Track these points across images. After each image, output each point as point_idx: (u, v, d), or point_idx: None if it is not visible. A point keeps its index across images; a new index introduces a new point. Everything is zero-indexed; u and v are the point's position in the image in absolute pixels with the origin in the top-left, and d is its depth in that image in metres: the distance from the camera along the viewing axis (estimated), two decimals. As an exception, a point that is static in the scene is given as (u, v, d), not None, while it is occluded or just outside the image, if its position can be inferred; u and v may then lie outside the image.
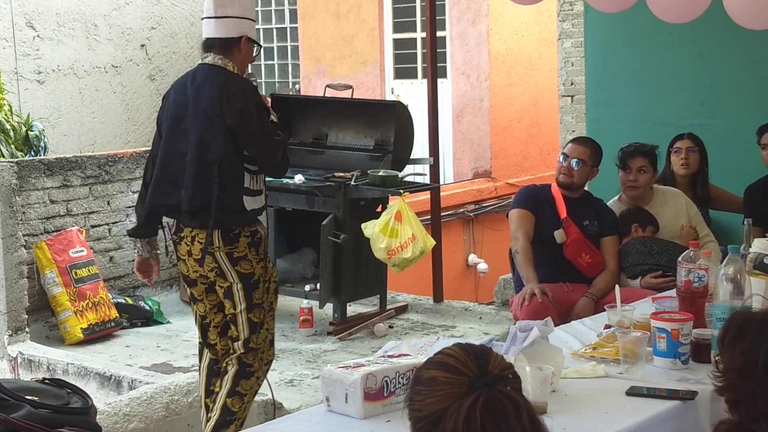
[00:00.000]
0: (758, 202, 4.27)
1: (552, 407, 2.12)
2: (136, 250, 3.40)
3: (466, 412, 1.32)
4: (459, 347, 1.42)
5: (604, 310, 2.89)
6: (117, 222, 5.64)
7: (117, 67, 9.73)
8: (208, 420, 3.23)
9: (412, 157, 5.43)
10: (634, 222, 4.04)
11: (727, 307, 2.44)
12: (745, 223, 3.06)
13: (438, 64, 5.73)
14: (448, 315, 5.41)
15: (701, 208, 4.32)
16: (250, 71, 3.33)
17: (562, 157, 4.02)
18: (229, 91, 3.13)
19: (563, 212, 3.95)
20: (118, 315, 5.22)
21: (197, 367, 4.47)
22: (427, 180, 5.69)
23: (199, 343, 3.39)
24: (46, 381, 2.21)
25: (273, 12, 11.27)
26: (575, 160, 3.95)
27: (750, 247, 2.78)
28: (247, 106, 3.14)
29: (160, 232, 3.41)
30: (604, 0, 4.34)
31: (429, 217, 5.70)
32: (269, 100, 3.32)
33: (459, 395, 1.34)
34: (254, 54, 3.28)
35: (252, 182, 3.19)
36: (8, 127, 7.43)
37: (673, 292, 2.90)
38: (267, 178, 3.38)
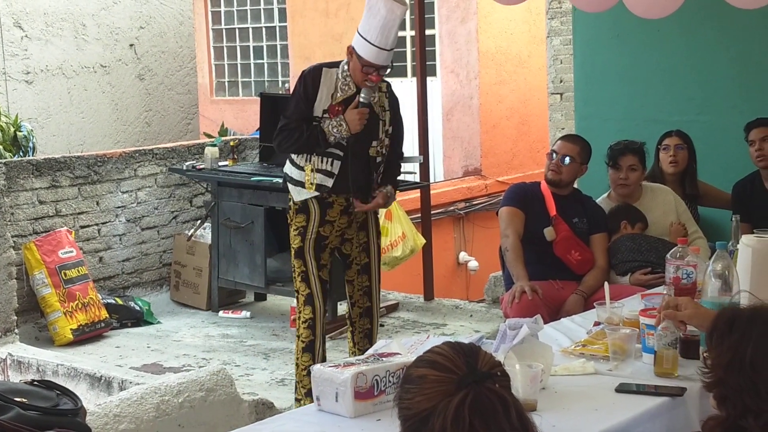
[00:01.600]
0: (746, 198, 4.29)
1: (542, 404, 2.13)
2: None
3: (455, 409, 1.33)
4: (448, 345, 1.42)
5: (594, 308, 2.90)
6: (106, 222, 5.63)
7: (106, 66, 9.71)
8: None
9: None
10: (623, 219, 4.05)
11: (715, 303, 2.45)
12: (733, 219, 3.07)
13: (427, 63, 5.74)
14: (438, 313, 5.41)
15: (690, 205, 4.34)
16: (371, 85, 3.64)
17: (550, 154, 4.03)
18: None
19: (553, 210, 3.96)
20: (108, 315, 5.21)
21: (187, 367, 4.48)
22: (417, 178, 5.69)
23: None
24: (35, 383, 2.20)
25: (262, 11, 11.26)
26: (563, 157, 3.96)
27: (738, 243, 2.79)
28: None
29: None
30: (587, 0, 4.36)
31: (419, 215, 5.71)
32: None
33: (448, 393, 1.35)
34: (361, 69, 3.58)
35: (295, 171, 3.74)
36: (-4, 127, 7.39)
37: (662, 289, 2.91)
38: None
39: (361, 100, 3.61)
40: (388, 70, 3.64)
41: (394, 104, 3.81)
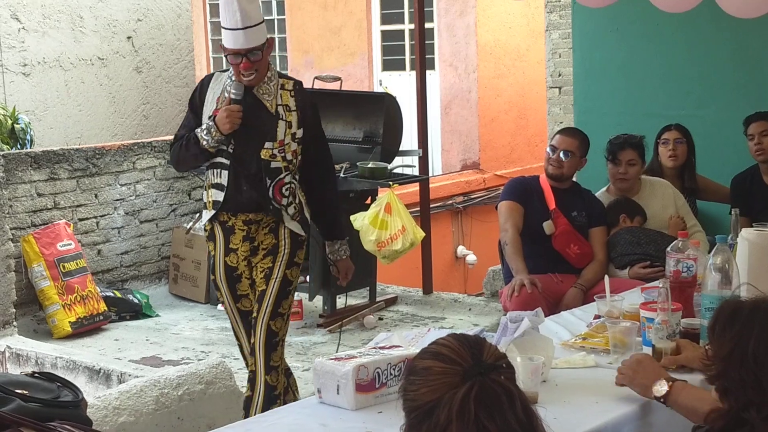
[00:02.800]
0: (745, 192, 4.30)
1: (543, 397, 2.13)
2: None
3: (460, 401, 1.33)
4: (453, 337, 1.43)
5: (593, 301, 2.91)
6: (105, 215, 5.62)
7: (103, 59, 9.68)
8: None
9: (401, 149, 5.43)
10: (622, 212, 4.06)
11: (715, 296, 2.46)
12: (733, 213, 3.08)
13: (426, 56, 5.73)
14: (437, 306, 5.42)
15: (688, 199, 4.35)
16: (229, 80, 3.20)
17: (550, 149, 4.03)
18: None
19: (552, 203, 3.97)
20: (106, 308, 5.21)
21: (186, 360, 4.48)
22: (416, 172, 5.69)
23: None
24: (36, 375, 2.20)
25: (260, 4, 11.24)
26: (564, 151, 3.96)
27: (737, 237, 2.80)
28: None
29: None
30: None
31: (418, 208, 5.71)
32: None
33: (453, 385, 1.35)
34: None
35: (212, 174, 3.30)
36: (-6, 120, 7.37)
37: (659, 282, 2.91)
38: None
39: (232, 97, 3.14)
40: (260, 54, 3.11)
41: (307, 106, 3.27)
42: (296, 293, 5.16)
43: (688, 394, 2.05)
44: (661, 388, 2.07)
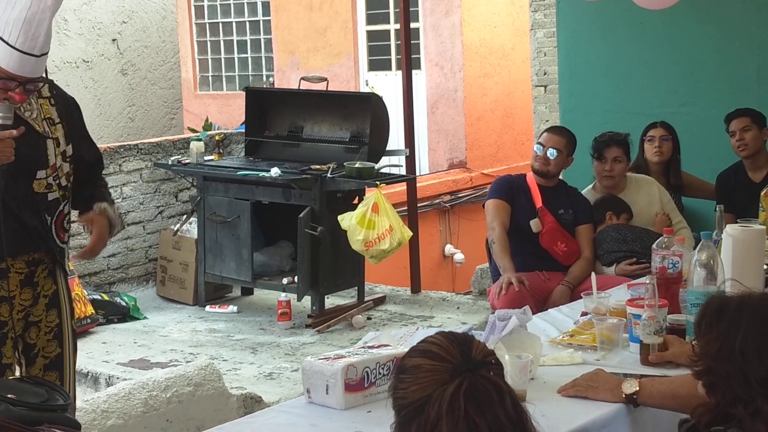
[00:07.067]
0: (729, 188, 4.33)
1: (531, 395, 2.14)
2: None
3: (450, 397, 1.34)
4: (442, 335, 1.44)
5: (581, 298, 2.92)
6: (91, 218, 5.60)
7: (88, 61, 9.65)
8: None
9: (387, 148, 5.44)
10: (609, 210, 4.09)
11: (701, 292, 2.48)
12: (717, 209, 3.10)
13: (412, 56, 5.74)
14: (425, 305, 5.43)
15: (674, 196, 4.38)
16: None
17: (538, 147, 4.05)
18: None
19: (539, 201, 3.99)
20: (94, 311, 5.18)
21: (175, 362, 4.47)
22: (403, 171, 5.70)
23: None
24: (25, 379, 2.20)
25: (245, 5, 11.21)
26: (551, 149, 3.98)
27: (722, 233, 2.82)
28: None
29: None
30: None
31: (405, 208, 5.72)
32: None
33: (443, 381, 1.36)
34: None
35: None
36: (-22, 123, 7.33)
37: (646, 279, 2.93)
38: None
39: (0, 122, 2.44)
40: (38, 86, 2.50)
41: (71, 110, 2.68)
42: (284, 294, 5.23)
43: (662, 382, 2.10)
44: (631, 385, 2.11)
